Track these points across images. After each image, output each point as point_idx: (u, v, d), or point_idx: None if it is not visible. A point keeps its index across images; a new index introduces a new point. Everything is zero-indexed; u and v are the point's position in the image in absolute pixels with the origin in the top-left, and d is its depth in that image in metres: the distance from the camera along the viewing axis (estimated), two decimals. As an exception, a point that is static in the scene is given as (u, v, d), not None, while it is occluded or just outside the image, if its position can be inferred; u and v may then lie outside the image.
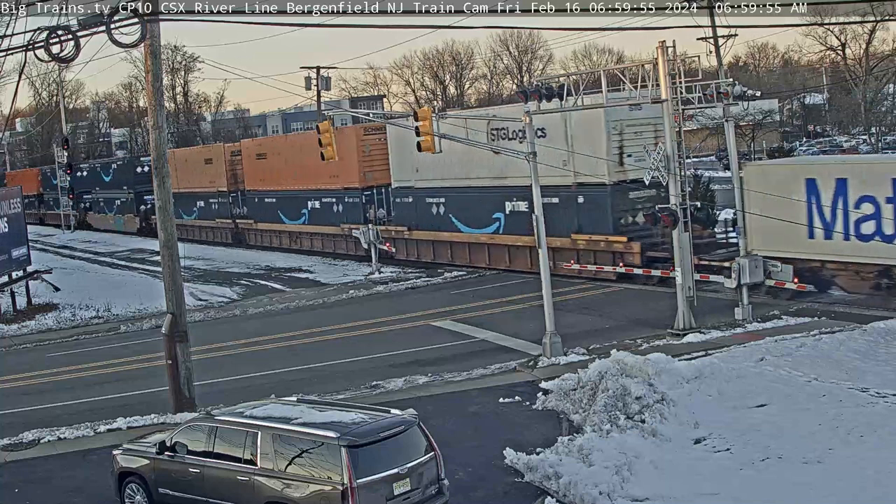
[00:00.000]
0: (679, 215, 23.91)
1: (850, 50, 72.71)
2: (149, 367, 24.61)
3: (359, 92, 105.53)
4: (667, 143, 24.23)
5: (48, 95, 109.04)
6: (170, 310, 20.40)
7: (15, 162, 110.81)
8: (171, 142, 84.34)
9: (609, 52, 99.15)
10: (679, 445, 15.73)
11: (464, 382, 21.23)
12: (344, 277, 40.38)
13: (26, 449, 18.58)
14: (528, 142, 23.44)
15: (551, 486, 14.49)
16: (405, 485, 12.62)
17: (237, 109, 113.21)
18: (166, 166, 20.66)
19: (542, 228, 22.82)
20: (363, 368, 23.47)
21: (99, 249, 61.28)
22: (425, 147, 25.66)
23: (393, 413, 13.63)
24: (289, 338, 28.44)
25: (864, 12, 54.81)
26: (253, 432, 13.23)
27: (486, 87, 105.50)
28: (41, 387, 24.88)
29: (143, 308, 35.44)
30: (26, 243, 38.36)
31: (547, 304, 22.71)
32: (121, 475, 14.78)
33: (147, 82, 20.45)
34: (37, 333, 33.30)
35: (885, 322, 21.52)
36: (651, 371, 17.64)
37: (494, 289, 33.64)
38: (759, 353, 19.70)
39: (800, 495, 13.54)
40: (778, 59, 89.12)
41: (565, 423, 17.53)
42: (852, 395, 17.15)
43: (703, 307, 25.19)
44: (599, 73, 27.91)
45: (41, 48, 17.29)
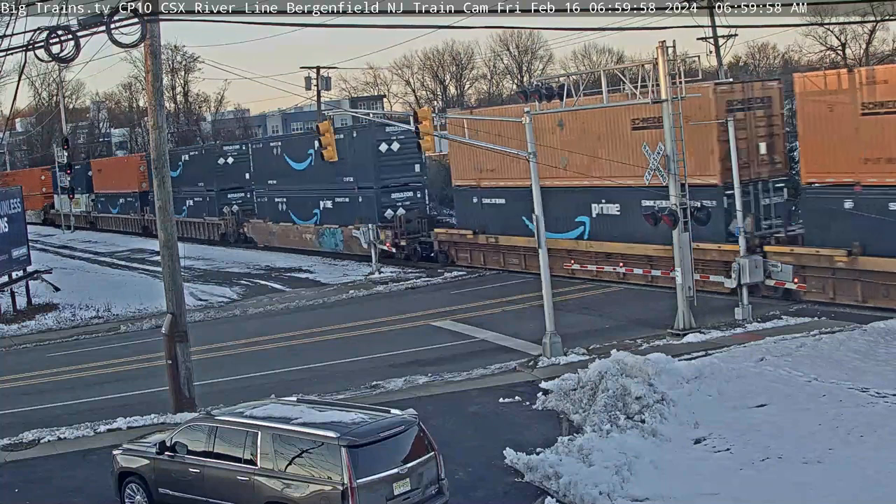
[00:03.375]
0: (679, 215, 23.92)
1: (850, 50, 72.66)
2: (149, 367, 24.61)
3: (359, 92, 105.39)
4: (667, 143, 24.23)
5: (48, 95, 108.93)
6: (170, 310, 20.40)
7: (15, 162, 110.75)
8: (172, 141, 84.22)
9: (609, 52, 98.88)
10: (679, 445, 15.74)
11: (464, 382, 21.23)
12: (344, 277, 40.39)
13: (26, 449, 18.58)
14: (528, 142, 23.43)
15: (551, 486, 14.49)
16: (405, 485, 12.63)
17: (237, 109, 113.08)
18: (167, 166, 20.67)
19: (542, 228, 22.85)
20: (363, 368, 23.47)
21: (99, 249, 61.29)
22: (425, 147, 25.73)
23: (393, 413, 13.64)
24: (289, 338, 28.44)
25: (864, 12, 54.75)
26: (253, 432, 13.24)
27: (486, 87, 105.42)
28: (41, 387, 24.88)
29: (143, 308, 35.46)
30: (26, 243, 38.35)
31: (547, 304, 22.72)
32: (121, 475, 14.78)
33: (147, 82, 20.45)
34: (37, 333, 33.30)
35: (885, 322, 21.52)
36: (651, 371, 17.64)
37: (494, 289, 33.64)
38: (759, 353, 19.71)
39: (800, 495, 13.55)
40: (778, 59, 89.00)
41: (565, 423, 17.54)
42: (852, 395, 17.16)
43: (703, 307, 25.19)
44: (599, 73, 27.92)
45: (41, 48, 17.32)
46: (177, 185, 60.13)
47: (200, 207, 59.71)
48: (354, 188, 44.32)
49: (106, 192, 74.77)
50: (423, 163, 44.47)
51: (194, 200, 59.79)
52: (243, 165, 55.46)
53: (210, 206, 58.46)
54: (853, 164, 24.83)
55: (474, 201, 38.50)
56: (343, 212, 45.07)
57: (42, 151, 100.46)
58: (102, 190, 75.68)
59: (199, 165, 59.40)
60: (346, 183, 44.55)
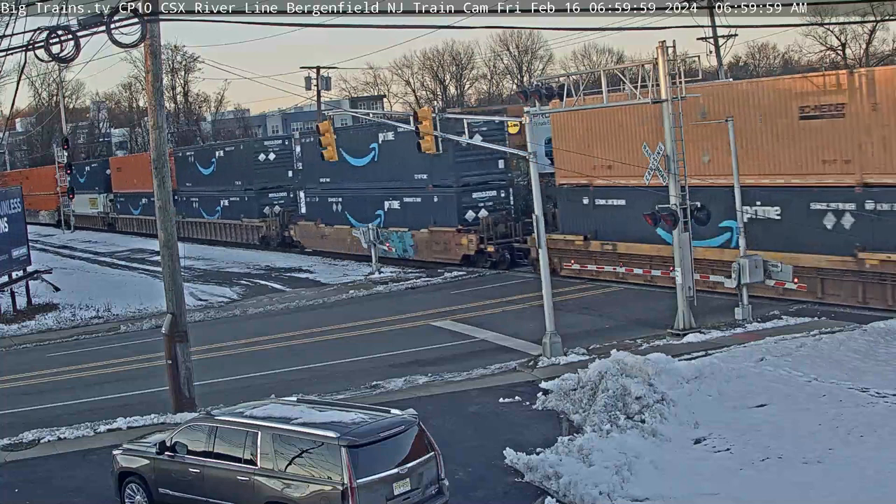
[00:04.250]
0: (679, 215, 23.91)
1: (850, 50, 72.75)
2: (149, 367, 24.61)
3: (359, 92, 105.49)
4: (667, 143, 24.22)
5: (48, 95, 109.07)
6: (170, 310, 20.40)
7: (15, 162, 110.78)
8: (172, 142, 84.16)
9: (609, 52, 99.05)
10: (679, 445, 15.73)
11: (464, 382, 21.23)
12: (344, 277, 40.41)
13: (26, 449, 18.57)
14: (529, 142, 23.44)
15: (551, 486, 14.49)
16: (405, 485, 12.63)
17: (237, 109, 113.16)
18: (167, 166, 20.67)
19: (541, 229, 22.86)
20: (363, 368, 23.47)
21: (99, 249, 61.33)
22: (426, 147, 25.69)
23: (393, 413, 13.63)
24: (289, 338, 28.44)
25: (864, 12, 54.81)
26: (253, 432, 13.23)
27: (486, 87, 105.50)
28: (41, 387, 24.89)
29: (143, 308, 35.47)
30: (26, 243, 38.37)
31: (547, 304, 22.72)
32: (121, 475, 14.78)
33: (147, 82, 20.45)
34: (37, 333, 33.31)
35: (885, 322, 21.51)
36: (651, 371, 17.63)
37: (494, 289, 33.63)
38: (759, 353, 19.69)
39: (800, 495, 13.55)
40: (778, 59, 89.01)
41: (565, 423, 17.53)
42: (852, 395, 17.15)
43: (703, 307, 25.18)
44: (599, 73, 27.89)
45: (41, 48, 17.33)
46: (209, 184, 55.82)
47: (237, 208, 55.59)
48: (428, 186, 40.06)
49: (127, 191, 70.28)
50: (507, 158, 38.61)
51: (229, 200, 54.74)
52: (286, 162, 52.20)
53: (248, 206, 54.29)
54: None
55: (585, 202, 33.63)
56: (413, 213, 40.86)
57: (42, 151, 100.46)
58: (123, 189, 71.34)
59: (236, 162, 54.74)
60: (418, 181, 40.31)
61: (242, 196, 54.77)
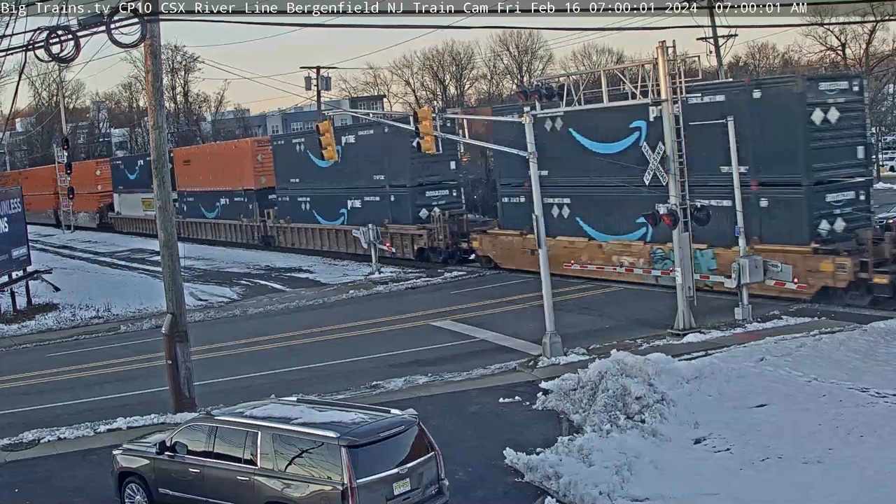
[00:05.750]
0: (679, 215, 23.92)
1: (850, 50, 72.69)
2: (149, 367, 24.60)
3: (359, 92, 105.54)
4: (667, 143, 24.22)
5: (48, 95, 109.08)
6: (170, 310, 20.40)
7: (15, 162, 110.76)
8: (171, 142, 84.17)
9: (609, 52, 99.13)
10: (679, 445, 15.74)
11: (464, 382, 21.23)
12: (344, 277, 40.41)
13: (26, 449, 18.58)
14: (528, 142, 23.43)
15: (551, 486, 14.49)
16: (405, 485, 12.63)
17: (237, 109, 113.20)
18: (167, 166, 20.69)
19: (541, 228, 22.85)
20: (363, 368, 23.47)
21: (99, 249, 61.30)
22: (425, 147, 25.67)
23: (393, 413, 13.63)
24: (289, 338, 28.43)
25: (864, 12, 54.82)
26: (253, 432, 13.24)
27: (486, 87, 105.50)
28: (41, 387, 24.88)
29: (143, 308, 35.46)
30: (26, 243, 38.36)
31: (547, 304, 22.72)
32: (121, 475, 14.78)
33: (147, 82, 20.46)
34: (37, 333, 33.30)
35: (885, 322, 21.54)
36: (651, 371, 17.64)
37: (494, 289, 33.63)
38: (759, 353, 19.70)
39: (800, 495, 13.55)
40: (778, 59, 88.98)
41: (565, 423, 17.53)
42: (852, 395, 17.16)
43: (703, 307, 25.19)
44: (599, 73, 27.88)
45: (41, 48, 17.33)
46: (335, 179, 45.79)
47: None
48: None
49: (197, 189, 59.29)
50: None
51: (362, 201, 44.77)
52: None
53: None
54: None
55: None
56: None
57: (42, 151, 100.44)
58: (191, 187, 59.78)
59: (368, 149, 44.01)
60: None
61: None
